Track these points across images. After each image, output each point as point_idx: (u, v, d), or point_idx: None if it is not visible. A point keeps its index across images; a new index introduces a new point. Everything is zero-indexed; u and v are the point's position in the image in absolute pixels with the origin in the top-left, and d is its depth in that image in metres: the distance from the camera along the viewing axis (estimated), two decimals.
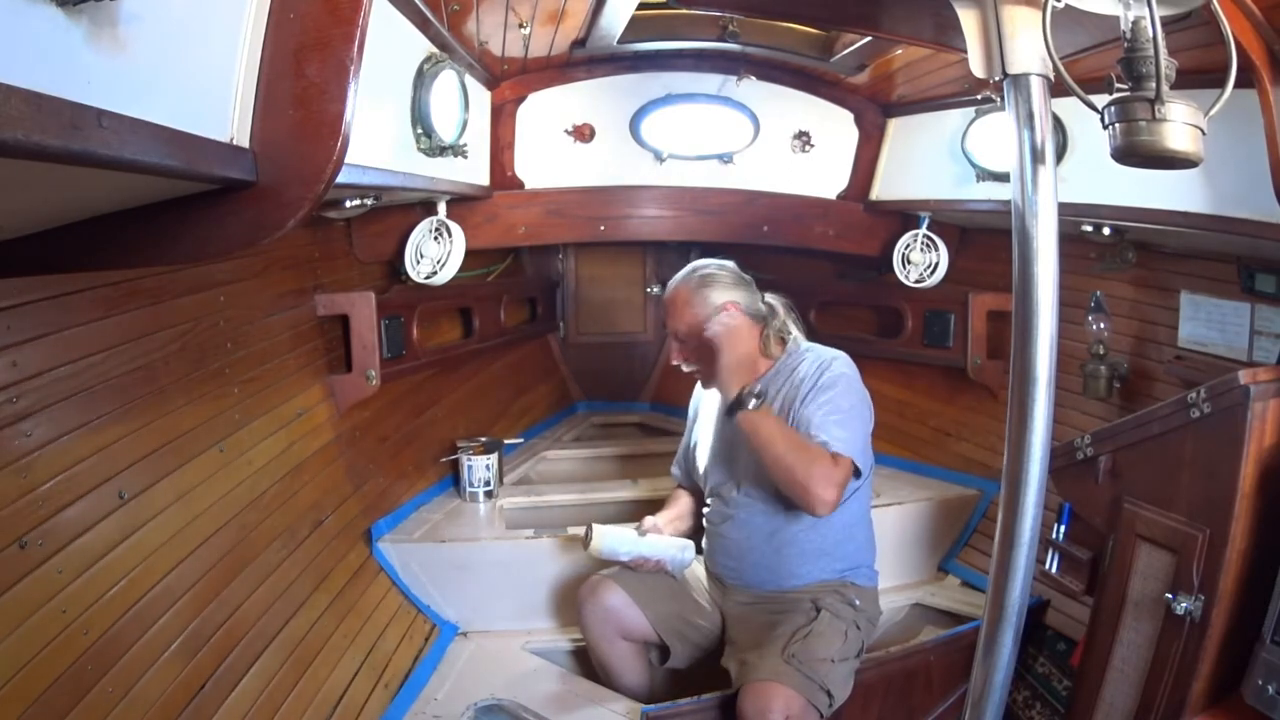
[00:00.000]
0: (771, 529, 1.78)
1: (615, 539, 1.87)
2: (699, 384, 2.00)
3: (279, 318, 1.87)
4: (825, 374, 1.73)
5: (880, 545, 1.91)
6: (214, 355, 1.59)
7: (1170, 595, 1.35)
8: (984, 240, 2.58)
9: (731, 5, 1.81)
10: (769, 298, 1.89)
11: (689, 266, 1.88)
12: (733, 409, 1.67)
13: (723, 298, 1.81)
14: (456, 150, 1.84)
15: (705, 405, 2.00)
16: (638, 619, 1.83)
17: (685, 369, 1.86)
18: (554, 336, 3.66)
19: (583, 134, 2.47)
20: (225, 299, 1.64)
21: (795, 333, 1.88)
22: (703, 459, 1.95)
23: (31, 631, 1.08)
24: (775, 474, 1.66)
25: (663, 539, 1.91)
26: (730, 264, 1.89)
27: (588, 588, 1.88)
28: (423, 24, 1.61)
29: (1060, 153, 1.90)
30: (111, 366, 1.31)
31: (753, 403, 1.65)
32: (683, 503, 2.05)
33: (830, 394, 1.71)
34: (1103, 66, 0.82)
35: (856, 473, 1.70)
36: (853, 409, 1.72)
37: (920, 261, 2.54)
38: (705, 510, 1.94)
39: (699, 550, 1.97)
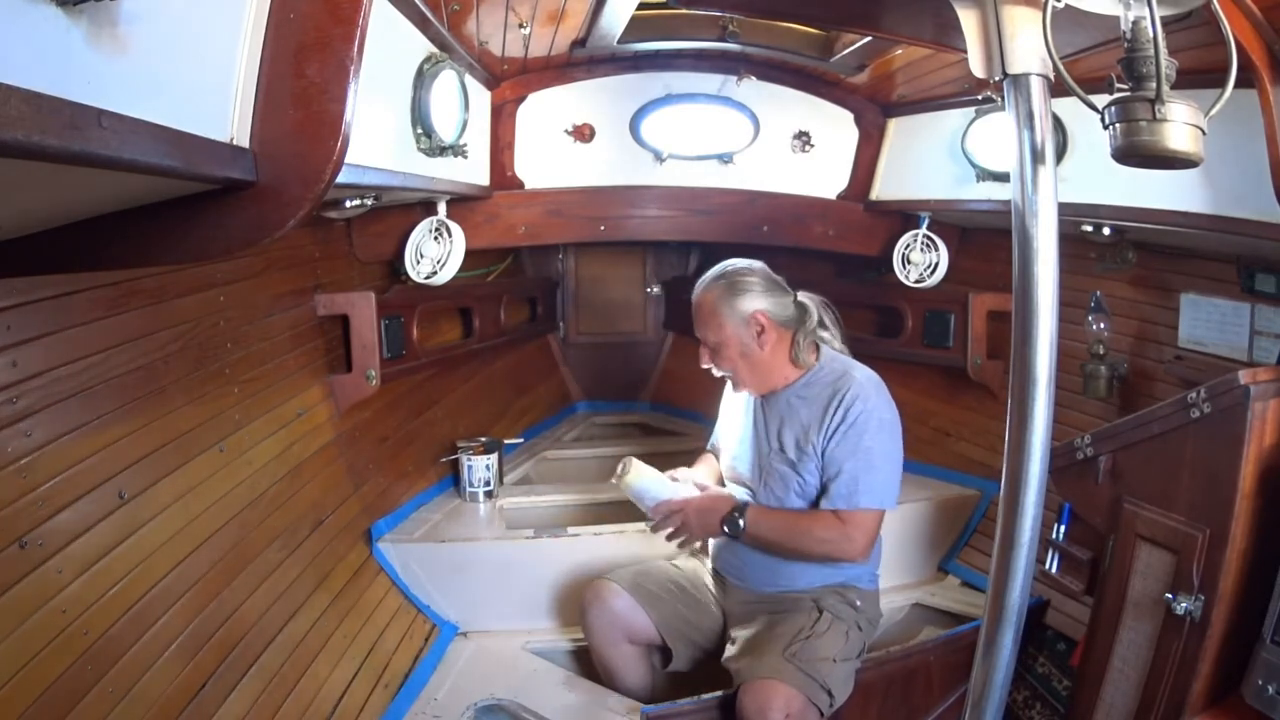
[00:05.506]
0: None
1: (650, 480, 1.82)
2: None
3: (279, 318, 1.87)
4: (851, 410, 1.67)
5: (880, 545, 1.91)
6: (214, 355, 1.59)
7: (1170, 595, 1.35)
8: (984, 240, 2.58)
9: (731, 5, 1.81)
10: (802, 297, 1.81)
11: (717, 269, 1.80)
12: (731, 535, 1.74)
13: (752, 306, 1.74)
14: (456, 150, 1.84)
15: (733, 396, 1.96)
16: (643, 622, 1.83)
17: (716, 373, 1.82)
18: (554, 336, 3.66)
19: (583, 134, 2.47)
20: (225, 299, 1.64)
21: (829, 335, 1.84)
22: (725, 455, 1.94)
23: (31, 631, 1.08)
24: (798, 559, 1.75)
25: (687, 490, 1.86)
26: (759, 265, 1.81)
27: (591, 591, 1.87)
28: (423, 24, 1.61)
29: (1060, 153, 1.90)
30: (111, 366, 1.31)
31: (740, 522, 1.72)
32: (712, 464, 2.05)
33: (861, 440, 1.67)
34: (1103, 66, 0.82)
35: None
36: (884, 453, 1.69)
37: (920, 261, 2.54)
38: None
39: (704, 549, 1.97)
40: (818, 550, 1.71)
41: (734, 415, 1.94)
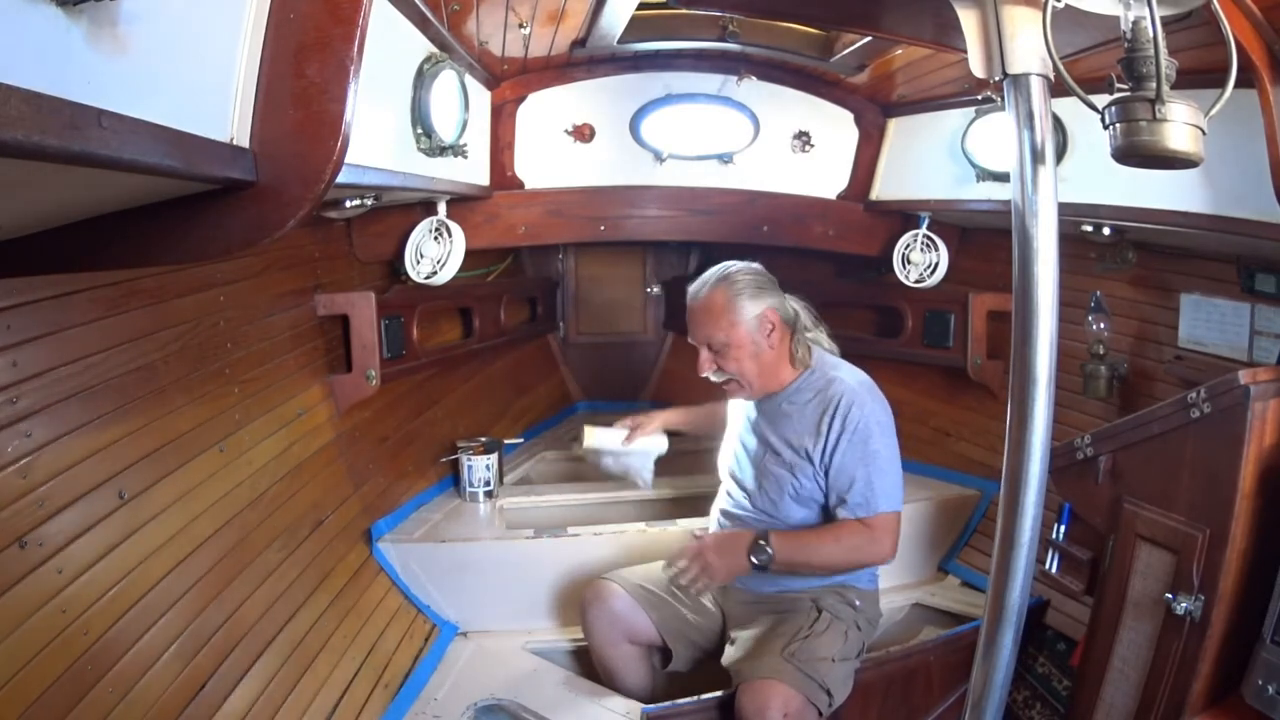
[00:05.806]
0: None
1: (604, 438, 2.11)
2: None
3: (279, 318, 1.87)
4: (849, 417, 1.67)
5: None
6: (214, 355, 1.59)
7: (1170, 595, 1.35)
8: (984, 240, 2.58)
9: (731, 5, 1.81)
10: (790, 301, 1.82)
11: (719, 270, 1.77)
12: (760, 566, 1.67)
13: (763, 304, 1.73)
14: (456, 150, 1.84)
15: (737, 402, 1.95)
16: (643, 622, 1.83)
17: (716, 379, 1.79)
18: (554, 336, 3.66)
19: (583, 134, 2.47)
20: (225, 299, 1.64)
21: (815, 336, 1.84)
22: (725, 458, 1.94)
23: (31, 631, 1.08)
24: (830, 574, 1.75)
25: (637, 445, 2.11)
26: (757, 266, 1.80)
27: (591, 591, 1.87)
28: (423, 24, 1.61)
29: (1060, 153, 1.89)
30: (111, 366, 1.31)
31: (769, 550, 1.66)
32: (700, 412, 2.10)
33: (867, 446, 1.66)
34: (1103, 66, 0.82)
35: None
36: (889, 455, 1.69)
37: (920, 261, 2.54)
38: (716, 507, 1.93)
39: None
40: (852, 559, 1.71)
41: (735, 418, 1.94)
